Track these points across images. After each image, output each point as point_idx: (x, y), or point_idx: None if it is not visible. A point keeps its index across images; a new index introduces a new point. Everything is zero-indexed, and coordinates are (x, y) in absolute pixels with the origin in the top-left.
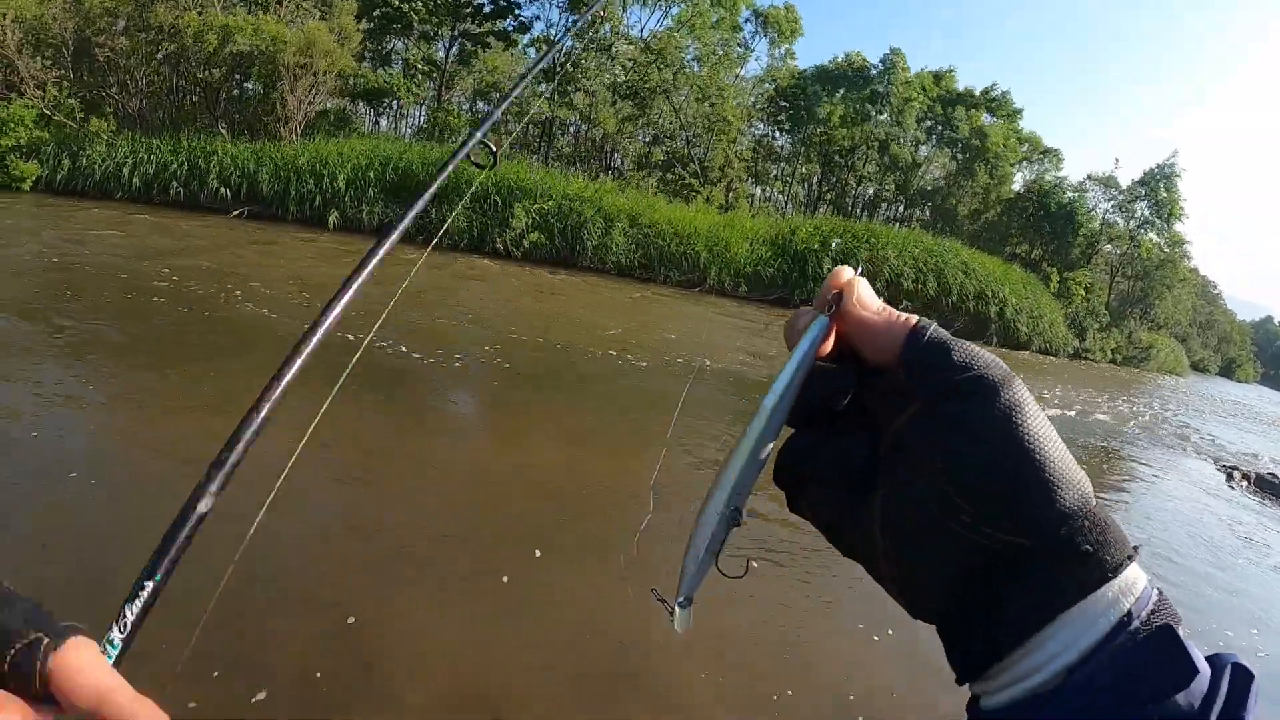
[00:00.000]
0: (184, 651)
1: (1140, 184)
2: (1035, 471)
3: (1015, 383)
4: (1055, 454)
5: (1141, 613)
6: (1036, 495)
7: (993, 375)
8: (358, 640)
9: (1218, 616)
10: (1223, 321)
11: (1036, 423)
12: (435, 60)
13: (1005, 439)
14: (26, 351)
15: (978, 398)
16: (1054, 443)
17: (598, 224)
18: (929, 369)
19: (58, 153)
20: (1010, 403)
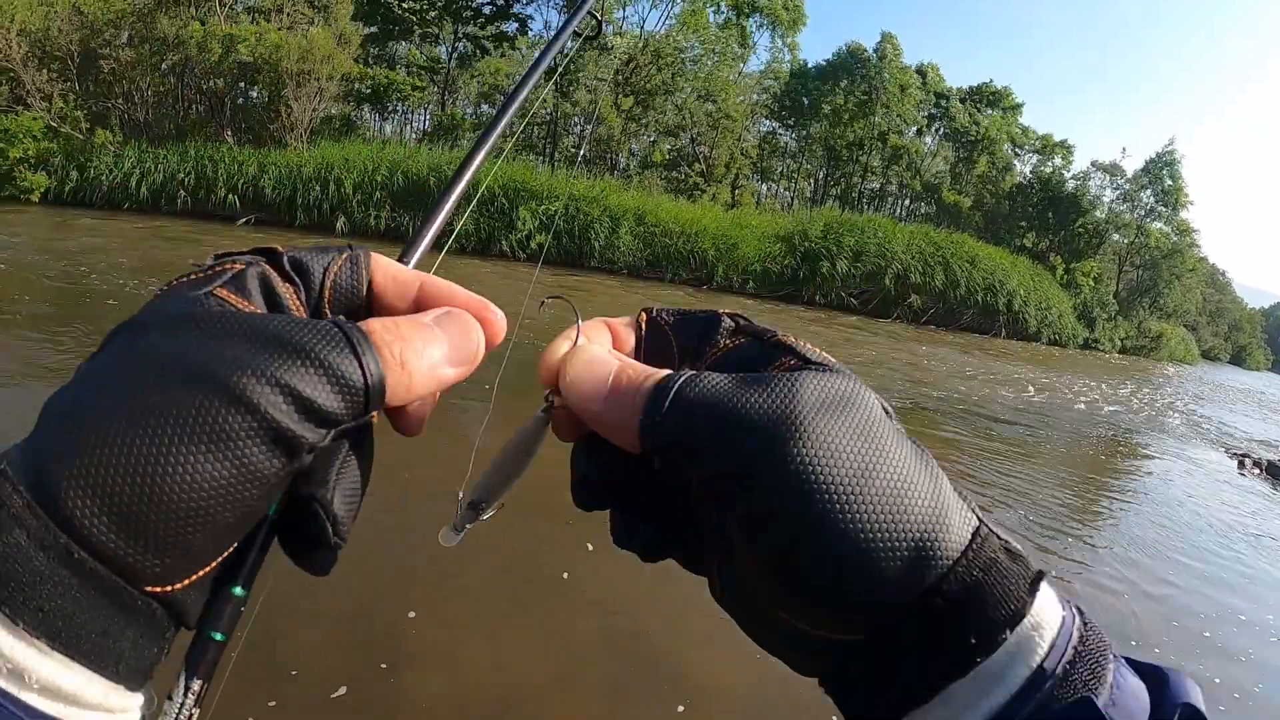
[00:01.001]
0: (235, 650)
1: (1144, 172)
2: (846, 562)
3: (796, 439)
4: (873, 523)
5: (1057, 666)
6: (853, 588)
7: (756, 443)
8: (421, 633)
9: (1223, 608)
10: (1232, 309)
11: (835, 492)
12: (438, 60)
13: (795, 532)
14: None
15: (750, 487)
16: (870, 506)
17: (604, 224)
18: (679, 462)
19: (65, 164)
20: (790, 482)
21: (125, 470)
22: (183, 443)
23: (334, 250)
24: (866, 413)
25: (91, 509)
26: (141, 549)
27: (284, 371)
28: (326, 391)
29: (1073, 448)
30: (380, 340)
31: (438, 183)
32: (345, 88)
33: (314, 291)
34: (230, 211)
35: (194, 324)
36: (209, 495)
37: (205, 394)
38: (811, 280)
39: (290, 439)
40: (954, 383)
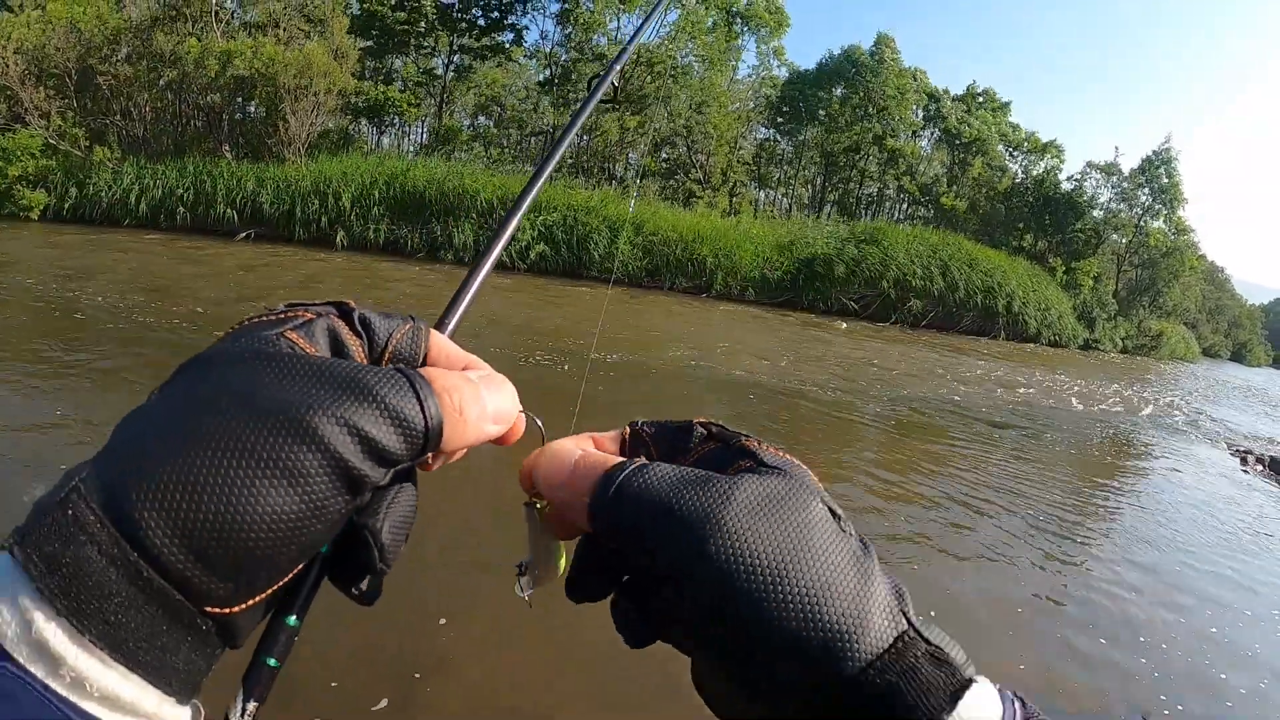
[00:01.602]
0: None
1: (1140, 171)
2: (761, 659)
3: (716, 536)
4: (788, 621)
5: None
6: (771, 684)
7: (683, 544)
8: (452, 641)
9: (1228, 605)
10: (1232, 306)
11: (750, 592)
12: (434, 74)
13: (716, 630)
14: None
15: (677, 583)
16: (785, 607)
17: (603, 234)
18: (620, 538)
19: (64, 181)
20: (708, 583)
21: (197, 496)
22: (254, 474)
23: (399, 318)
24: (800, 514)
25: (163, 530)
26: (208, 573)
27: (352, 412)
28: (391, 433)
29: (1074, 448)
30: (441, 387)
31: (435, 195)
32: (342, 102)
33: (377, 350)
34: (229, 226)
35: (266, 361)
36: (277, 527)
37: (277, 429)
38: (810, 286)
39: (356, 477)
40: (954, 385)
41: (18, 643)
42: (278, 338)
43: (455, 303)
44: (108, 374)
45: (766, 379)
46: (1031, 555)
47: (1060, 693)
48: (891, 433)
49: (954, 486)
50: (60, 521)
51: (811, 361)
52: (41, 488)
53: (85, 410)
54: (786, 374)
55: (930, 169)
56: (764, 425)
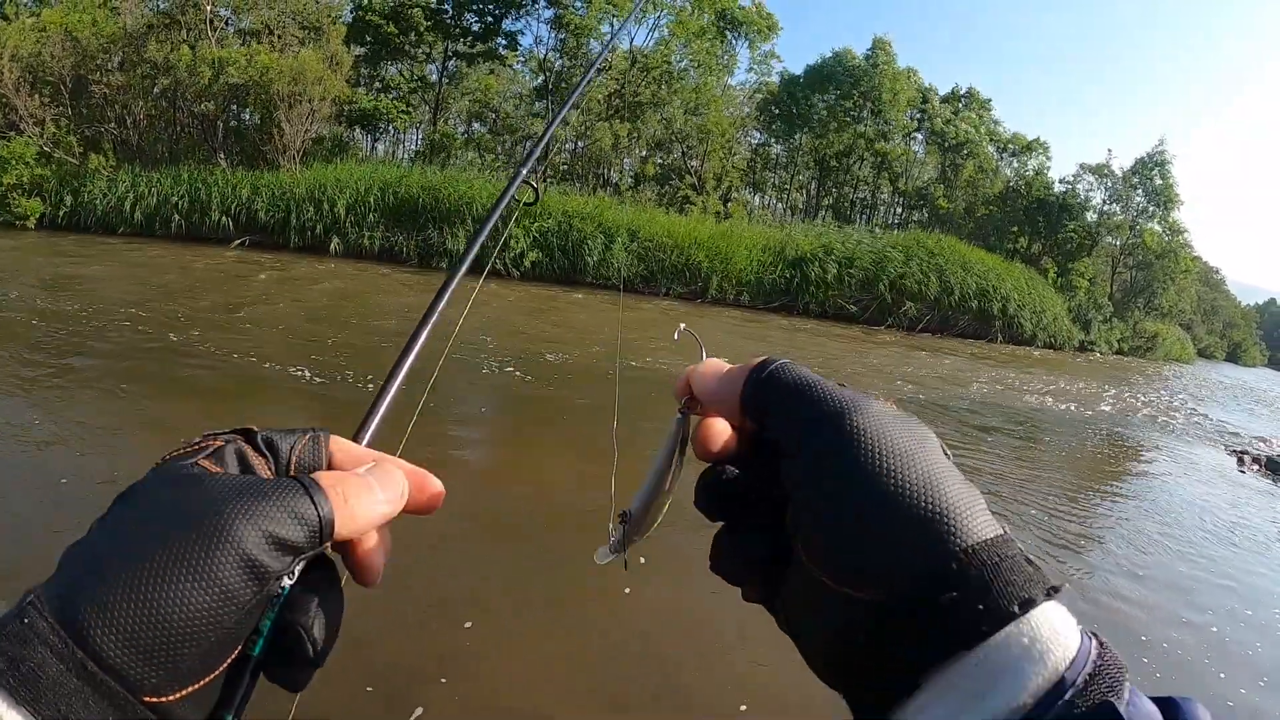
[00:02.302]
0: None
1: (1133, 172)
2: (873, 518)
3: (857, 413)
4: (905, 491)
5: (1077, 678)
6: (877, 545)
7: (825, 409)
8: (477, 644)
9: (1227, 604)
10: (1227, 307)
11: (877, 459)
12: (428, 81)
13: (838, 483)
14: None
15: (812, 439)
16: (905, 478)
17: (598, 240)
18: (765, 414)
19: (59, 189)
20: (843, 440)
21: (127, 598)
22: (173, 574)
23: (299, 431)
24: (922, 430)
25: (101, 629)
26: (141, 664)
27: (252, 513)
28: (288, 526)
29: (1072, 450)
30: (327, 484)
31: (430, 202)
32: (336, 109)
33: (281, 465)
34: (224, 234)
35: (180, 483)
36: (195, 618)
37: (189, 534)
38: (805, 290)
39: (260, 567)
40: (948, 388)
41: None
42: (192, 466)
43: (372, 411)
44: (89, 382)
45: None
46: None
47: None
48: None
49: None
50: (18, 629)
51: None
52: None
53: (65, 419)
54: None
55: (924, 172)
56: None
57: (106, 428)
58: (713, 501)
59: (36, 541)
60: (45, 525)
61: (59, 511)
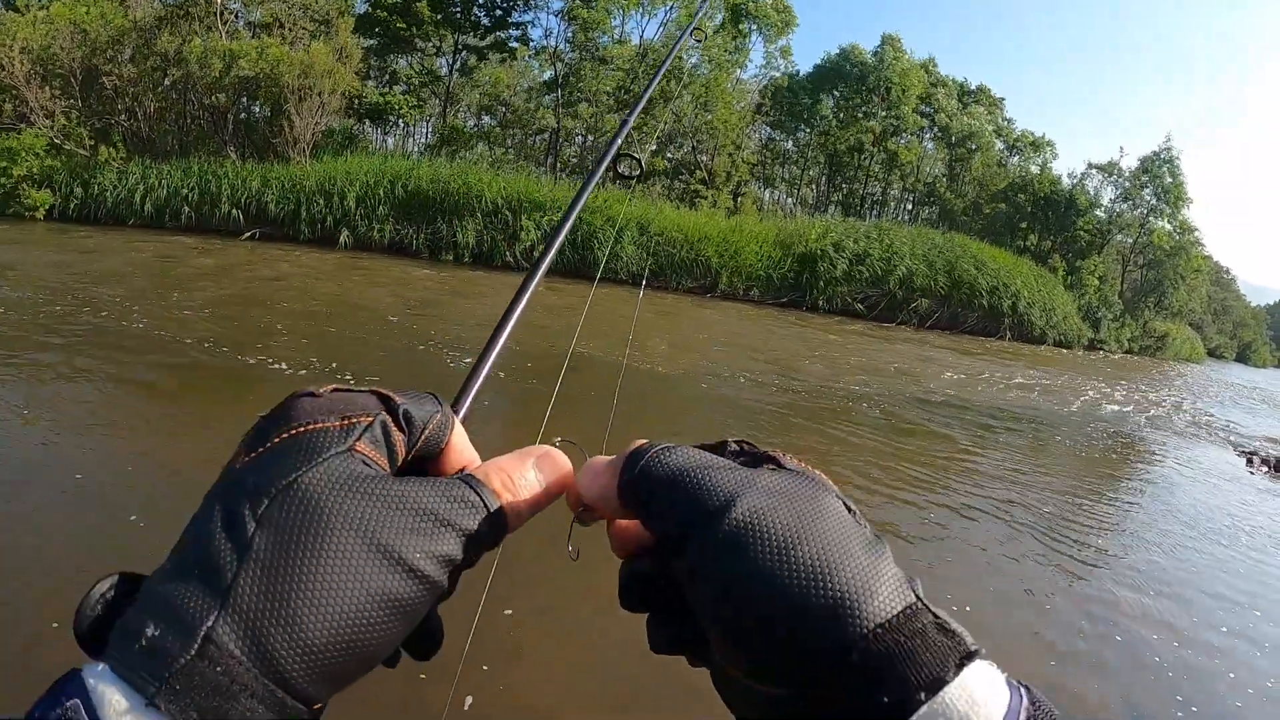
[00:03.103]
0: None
1: (1142, 170)
2: (766, 614)
3: (735, 504)
4: (795, 582)
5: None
6: (774, 642)
7: (701, 507)
8: (517, 631)
9: (1237, 603)
10: (1237, 307)
11: (763, 553)
12: (438, 74)
13: (725, 582)
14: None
15: (692, 541)
16: (794, 569)
17: (608, 234)
18: (645, 512)
19: (70, 181)
20: (724, 538)
21: (323, 629)
22: (359, 599)
23: (430, 406)
24: (814, 500)
25: (298, 665)
26: (328, 688)
27: (433, 536)
28: (460, 546)
29: (1081, 449)
30: (496, 484)
31: (440, 195)
32: (346, 102)
33: (414, 440)
34: (234, 226)
35: (354, 491)
36: (377, 640)
37: (376, 557)
38: (814, 285)
39: (437, 587)
40: (960, 386)
41: None
42: (350, 455)
43: (468, 384)
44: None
45: (775, 378)
46: (1037, 556)
47: (1064, 694)
48: (891, 434)
49: (957, 487)
50: (211, 677)
51: (819, 360)
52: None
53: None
54: (794, 371)
55: (933, 168)
56: (760, 422)
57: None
58: (629, 598)
59: (49, 532)
60: (68, 518)
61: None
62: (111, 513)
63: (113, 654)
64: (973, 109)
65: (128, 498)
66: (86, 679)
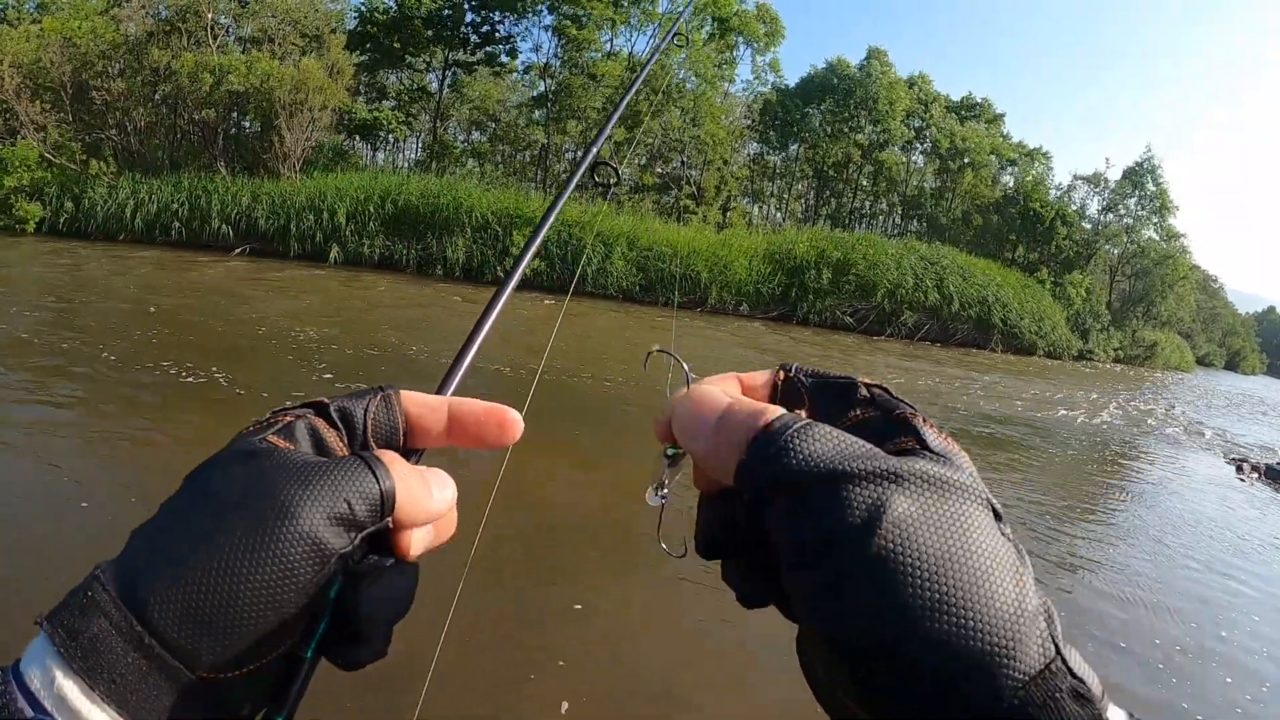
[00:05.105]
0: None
1: (1125, 179)
2: (904, 657)
3: (883, 524)
4: (946, 626)
5: None
6: (908, 690)
7: (844, 523)
8: (584, 626)
9: (1228, 607)
10: (1226, 315)
11: (912, 587)
12: (428, 90)
13: (867, 621)
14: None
15: (827, 560)
16: (947, 608)
17: (598, 249)
18: (765, 503)
19: (60, 195)
20: (867, 567)
21: (187, 574)
22: (232, 551)
23: (369, 393)
24: (965, 519)
25: (161, 605)
26: (197, 639)
27: (313, 489)
28: (349, 501)
29: (1072, 459)
30: (389, 459)
31: (429, 211)
32: (337, 118)
33: (358, 432)
34: (224, 242)
35: (245, 459)
36: (254, 595)
37: (249, 510)
38: (804, 298)
39: (321, 544)
40: (946, 395)
41: (46, 697)
42: (261, 442)
43: (454, 369)
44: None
45: None
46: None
47: None
48: None
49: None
50: (81, 603)
51: None
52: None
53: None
54: None
55: (923, 180)
56: None
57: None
58: (711, 546)
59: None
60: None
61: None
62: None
63: None
64: (971, 125)
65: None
66: None
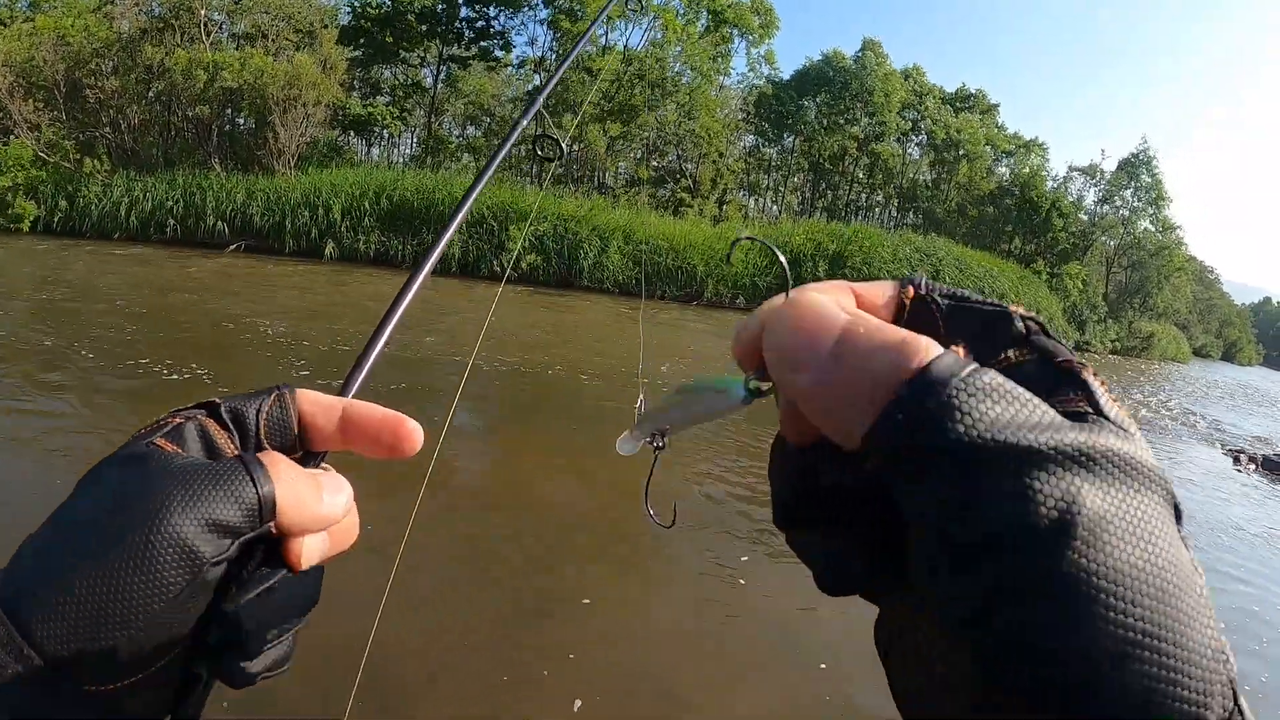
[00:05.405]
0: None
1: (1121, 171)
2: (1080, 681)
3: (1080, 528)
4: (1151, 670)
5: None
6: (1071, 711)
7: (1028, 521)
8: (598, 619)
9: (1225, 597)
10: (1222, 306)
11: (1107, 608)
12: (422, 85)
13: (1056, 630)
14: None
15: (997, 565)
16: (1155, 650)
17: (594, 243)
18: (903, 478)
19: (54, 194)
20: (1062, 578)
21: (63, 584)
22: (105, 559)
23: (263, 393)
24: (1155, 525)
25: (41, 616)
26: (77, 652)
27: (186, 493)
28: (223, 506)
29: None
30: (271, 461)
31: (424, 206)
32: (331, 114)
33: (250, 433)
34: (219, 239)
35: (126, 463)
36: (126, 604)
37: (121, 517)
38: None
39: (192, 552)
40: None
41: None
42: (148, 445)
43: (357, 367)
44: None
45: None
46: None
47: None
48: None
49: None
50: None
51: None
52: None
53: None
54: None
55: (918, 173)
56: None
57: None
58: (801, 511)
59: None
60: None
61: None
62: None
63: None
64: (965, 115)
65: None
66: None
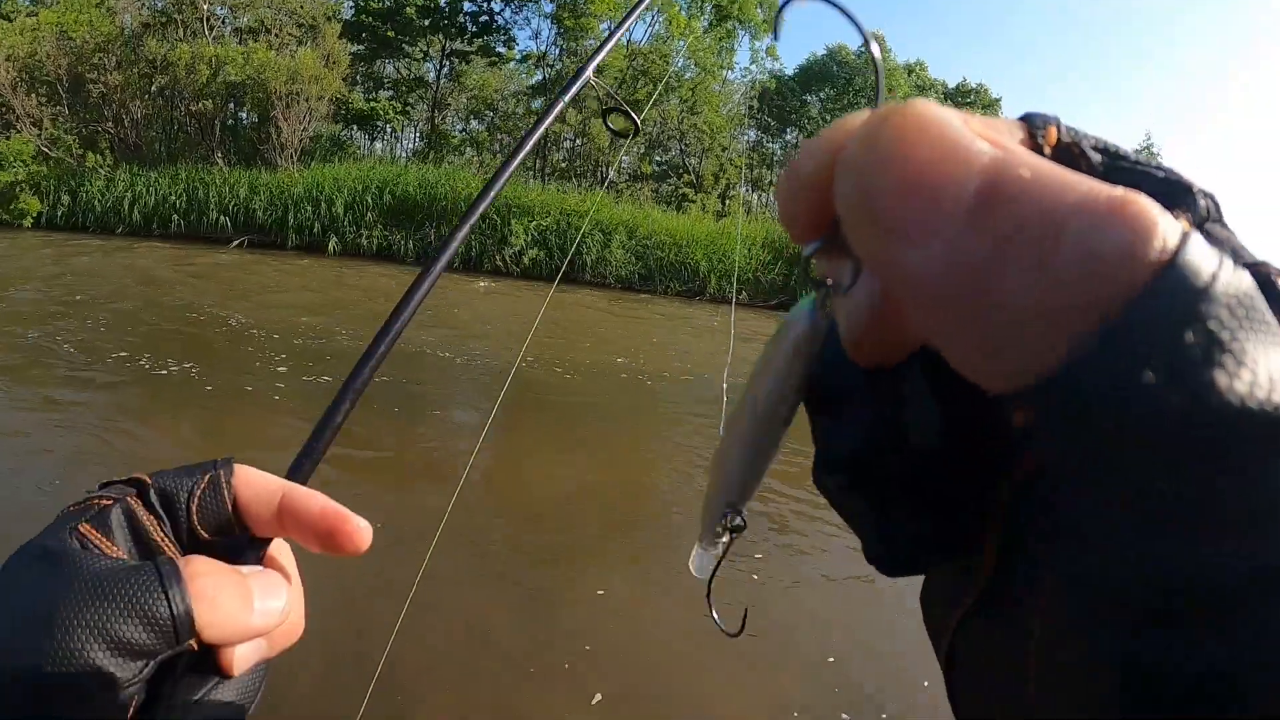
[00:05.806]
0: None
1: None
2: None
3: None
4: None
5: None
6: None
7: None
8: (612, 608)
9: None
10: None
11: None
12: (425, 80)
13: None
14: None
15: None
16: None
17: (596, 238)
18: (1061, 439)
19: (57, 189)
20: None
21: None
22: (12, 679)
23: (199, 471)
24: None
25: None
26: None
27: (94, 612)
28: (133, 627)
29: None
30: (193, 572)
31: (428, 200)
32: (334, 109)
33: (180, 518)
34: (223, 234)
35: (37, 565)
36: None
37: (27, 636)
38: (805, 285)
39: (103, 676)
40: None
41: None
42: (69, 534)
43: (311, 446)
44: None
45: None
46: None
47: None
48: None
49: None
50: None
51: None
52: None
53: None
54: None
55: None
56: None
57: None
58: (876, 469)
59: None
60: None
61: None
62: None
63: None
64: (967, 110)
65: None
66: None
